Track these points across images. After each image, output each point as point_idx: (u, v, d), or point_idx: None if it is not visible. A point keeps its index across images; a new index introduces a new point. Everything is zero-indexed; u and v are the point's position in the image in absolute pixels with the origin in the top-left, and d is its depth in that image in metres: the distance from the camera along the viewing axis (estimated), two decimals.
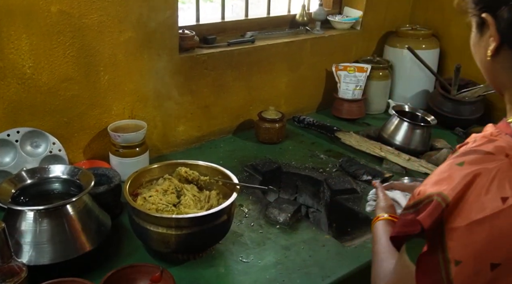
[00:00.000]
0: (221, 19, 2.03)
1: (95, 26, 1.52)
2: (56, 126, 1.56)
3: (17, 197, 1.20)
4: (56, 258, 1.11)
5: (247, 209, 1.52)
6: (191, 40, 1.79)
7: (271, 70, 2.07)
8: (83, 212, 1.19)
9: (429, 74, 2.32)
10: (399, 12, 2.50)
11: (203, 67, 1.83)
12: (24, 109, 1.48)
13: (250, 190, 1.61)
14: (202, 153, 1.87)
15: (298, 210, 1.51)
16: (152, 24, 1.64)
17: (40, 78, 1.47)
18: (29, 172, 1.26)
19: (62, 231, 1.13)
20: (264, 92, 2.09)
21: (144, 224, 1.19)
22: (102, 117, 1.65)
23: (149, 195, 1.28)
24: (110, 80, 1.62)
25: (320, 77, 2.30)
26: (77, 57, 1.52)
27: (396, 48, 2.37)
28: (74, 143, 1.62)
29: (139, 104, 1.72)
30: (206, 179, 1.37)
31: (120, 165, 1.59)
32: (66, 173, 1.28)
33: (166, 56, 1.72)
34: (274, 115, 1.96)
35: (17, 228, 1.12)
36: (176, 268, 1.23)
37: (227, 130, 2.04)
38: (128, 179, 1.29)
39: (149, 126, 1.71)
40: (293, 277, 1.23)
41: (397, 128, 1.95)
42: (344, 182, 1.66)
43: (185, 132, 1.89)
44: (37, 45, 1.43)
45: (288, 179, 1.79)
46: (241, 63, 1.95)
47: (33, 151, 1.51)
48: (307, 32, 2.22)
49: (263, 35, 2.08)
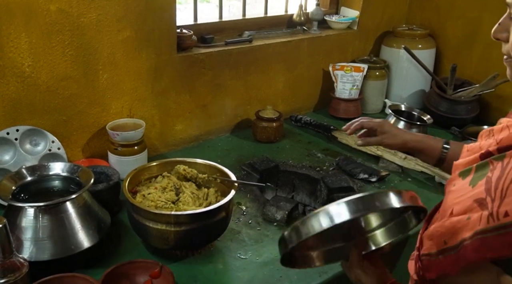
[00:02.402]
0: (218, 18, 2.05)
1: (94, 25, 1.53)
2: (55, 124, 1.57)
3: (17, 194, 1.21)
4: (57, 254, 1.12)
5: (245, 207, 1.53)
6: (189, 39, 1.80)
7: (268, 70, 2.09)
8: (83, 209, 1.20)
9: (425, 74, 2.34)
10: (395, 12, 2.52)
11: (201, 66, 1.84)
12: (23, 108, 1.49)
13: (248, 189, 1.62)
14: (200, 152, 1.88)
15: (295, 208, 1.53)
16: (151, 23, 1.65)
17: (39, 76, 1.48)
18: (29, 170, 1.26)
19: (62, 228, 1.14)
20: (261, 92, 2.10)
21: (143, 220, 1.20)
22: (101, 115, 1.66)
23: (148, 193, 1.29)
24: (108, 79, 1.63)
25: (317, 76, 2.32)
26: (76, 56, 1.53)
27: (393, 48, 2.39)
28: (73, 141, 1.63)
29: (137, 103, 1.73)
30: (204, 177, 1.38)
31: (119, 163, 1.60)
32: (66, 170, 1.29)
33: (164, 55, 1.73)
34: (271, 114, 1.98)
35: (17, 225, 1.13)
36: (175, 264, 1.24)
37: (225, 129, 2.05)
38: (127, 176, 1.30)
39: (148, 125, 1.72)
40: (290, 274, 1.25)
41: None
42: (341, 180, 1.68)
43: (183, 131, 1.90)
44: (36, 44, 1.44)
45: (285, 178, 1.81)
46: (239, 63, 1.97)
47: (32, 149, 1.52)
48: (304, 32, 2.23)
49: (261, 34, 2.10)
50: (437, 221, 0.81)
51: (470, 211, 0.72)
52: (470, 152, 0.86)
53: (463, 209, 0.74)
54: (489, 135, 0.84)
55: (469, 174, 0.78)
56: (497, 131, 0.82)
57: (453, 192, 0.80)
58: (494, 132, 0.83)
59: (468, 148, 0.87)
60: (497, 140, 0.78)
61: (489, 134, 0.85)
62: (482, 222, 0.69)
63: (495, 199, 0.69)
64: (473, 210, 0.72)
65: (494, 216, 0.67)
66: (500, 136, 0.79)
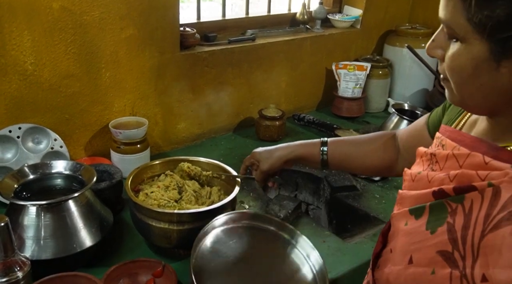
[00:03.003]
0: (222, 17, 2.04)
1: (97, 23, 1.52)
2: (58, 122, 1.56)
3: (19, 192, 1.20)
4: (59, 252, 1.11)
5: (248, 206, 1.52)
6: (192, 37, 1.80)
7: (271, 68, 2.08)
8: (85, 208, 1.19)
9: (428, 73, 2.33)
10: (398, 11, 2.51)
11: (203, 64, 1.84)
12: (25, 106, 1.49)
13: (251, 187, 1.61)
14: (202, 151, 1.87)
15: (299, 207, 1.52)
16: (153, 21, 1.64)
17: (42, 74, 1.48)
18: (31, 168, 1.26)
19: (64, 226, 1.14)
20: (264, 90, 2.10)
21: (146, 219, 1.19)
22: (104, 114, 1.66)
23: (151, 191, 1.28)
24: (111, 77, 1.62)
25: (320, 75, 2.31)
26: (79, 54, 1.52)
27: (396, 47, 2.38)
28: (75, 139, 1.63)
29: (140, 101, 1.72)
30: (208, 173, 1.38)
31: (121, 161, 1.59)
32: (68, 169, 1.29)
33: (167, 54, 1.72)
34: (274, 113, 1.97)
35: (19, 223, 1.12)
36: (177, 263, 1.24)
37: (228, 127, 2.04)
38: (130, 175, 1.30)
39: (150, 123, 1.72)
40: None
41: (397, 126, 1.96)
42: (344, 179, 1.67)
43: (186, 129, 1.90)
44: (38, 42, 1.44)
45: (289, 177, 1.80)
46: (242, 61, 1.96)
47: (35, 148, 1.52)
48: (307, 30, 2.23)
49: (264, 33, 2.09)
50: (390, 264, 0.74)
51: (434, 264, 0.64)
52: (417, 183, 0.75)
53: (425, 260, 0.66)
54: (431, 160, 0.75)
55: (422, 215, 0.69)
56: (441, 158, 0.72)
57: (408, 235, 0.71)
58: (438, 158, 0.73)
59: (413, 176, 0.76)
60: (450, 176, 0.67)
61: (431, 158, 0.75)
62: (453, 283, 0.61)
63: (465, 257, 0.60)
64: (438, 264, 0.64)
65: (468, 279, 0.59)
66: (448, 168, 0.69)
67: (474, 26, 0.60)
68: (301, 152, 1.18)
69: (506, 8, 0.56)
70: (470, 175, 0.63)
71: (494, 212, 0.58)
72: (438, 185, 0.68)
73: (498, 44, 0.59)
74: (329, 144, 1.16)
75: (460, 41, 0.63)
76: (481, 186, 0.61)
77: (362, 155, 1.15)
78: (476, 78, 0.63)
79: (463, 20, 0.61)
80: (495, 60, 0.60)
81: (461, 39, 0.63)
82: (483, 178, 0.61)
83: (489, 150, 0.64)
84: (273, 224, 1.20)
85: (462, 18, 0.61)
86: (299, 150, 1.19)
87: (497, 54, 0.60)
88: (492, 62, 0.61)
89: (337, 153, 1.16)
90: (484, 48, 0.60)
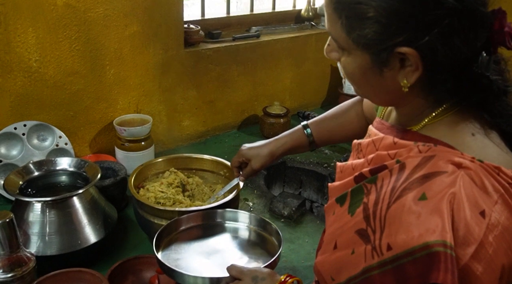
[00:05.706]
0: (226, 14, 2.04)
1: (101, 20, 1.52)
2: (62, 119, 1.57)
3: (24, 189, 1.21)
4: (63, 248, 1.12)
5: (252, 203, 1.52)
6: (196, 34, 1.79)
7: (276, 65, 2.07)
8: (89, 204, 1.20)
9: None
10: None
11: (208, 62, 1.84)
12: (30, 103, 1.49)
13: (255, 185, 1.61)
14: (207, 148, 1.87)
15: (303, 204, 1.52)
16: (158, 18, 1.64)
17: (47, 71, 1.48)
18: (36, 165, 1.27)
19: (69, 222, 1.14)
20: (269, 87, 2.09)
21: (148, 216, 1.20)
22: (108, 111, 1.66)
23: (154, 188, 1.28)
24: (115, 74, 1.62)
25: (325, 72, 2.30)
26: (83, 51, 1.53)
27: None
28: (80, 136, 1.63)
29: (144, 99, 1.73)
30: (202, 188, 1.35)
31: (126, 159, 1.60)
32: (73, 165, 1.29)
33: (172, 51, 1.72)
34: (278, 110, 1.97)
35: (25, 219, 1.13)
36: None
37: (232, 125, 2.04)
38: (134, 172, 1.30)
39: (155, 121, 1.72)
40: (297, 269, 1.24)
41: None
42: None
43: (190, 126, 1.90)
44: (43, 39, 1.44)
45: (293, 174, 1.80)
46: (246, 58, 1.96)
47: (40, 145, 1.52)
48: (312, 27, 2.22)
49: (268, 30, 2.09)
50: (322, 253, 0.76)
51: (353, 244, 0.67)
52: (343, 173, 0.80)
53: (346, 242, 0.69)
54: (358, 149, 0.81)
55: (345, 201, 0.73)
56: (364, 146, 0.78)
57: (334, 222, 0.75)
58: (362, 146, 0.79)
59: (341, 168, 0.81)
60: (368, 160, 0.73)
61: (358, 148, 0.81)
62: (367, 258, 0.63)
63: (375, 230, 0.63)
64: (356, 243, 0.66)
65: (377, 250, 0.62)
66: (368, 153, 0.75)
67: (353, 41, 0.68)
68: (290, 143, 1.19)
69: (372, 27, 0.64)
70: (382, 156, 0.70)
71: (398, 185, 0.63)
72: (359, 170, 0.73)
73: (375, 55, 0.67)
74: (310, 126, 1.19)
75: (347, 52, 0.71)
76: (391, 164, 0.67)
77: (343, 126, 1.19)
78: (366, 81, 0.72)
79: (344, 35, 0.68)
80: (377, 67, 0.68)
81: (347, 51, 0.71)
82: (392, 157, 0.68)
83: (398, 133, 0.73)
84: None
85: (343, 33, 0.68)
86: (288, 142, 1.20)
87: (377, 63, 0.68)
88: (376, 68, 0.68)
89: (321, 131, 1.18)
90: (366, 58, 0.68)
